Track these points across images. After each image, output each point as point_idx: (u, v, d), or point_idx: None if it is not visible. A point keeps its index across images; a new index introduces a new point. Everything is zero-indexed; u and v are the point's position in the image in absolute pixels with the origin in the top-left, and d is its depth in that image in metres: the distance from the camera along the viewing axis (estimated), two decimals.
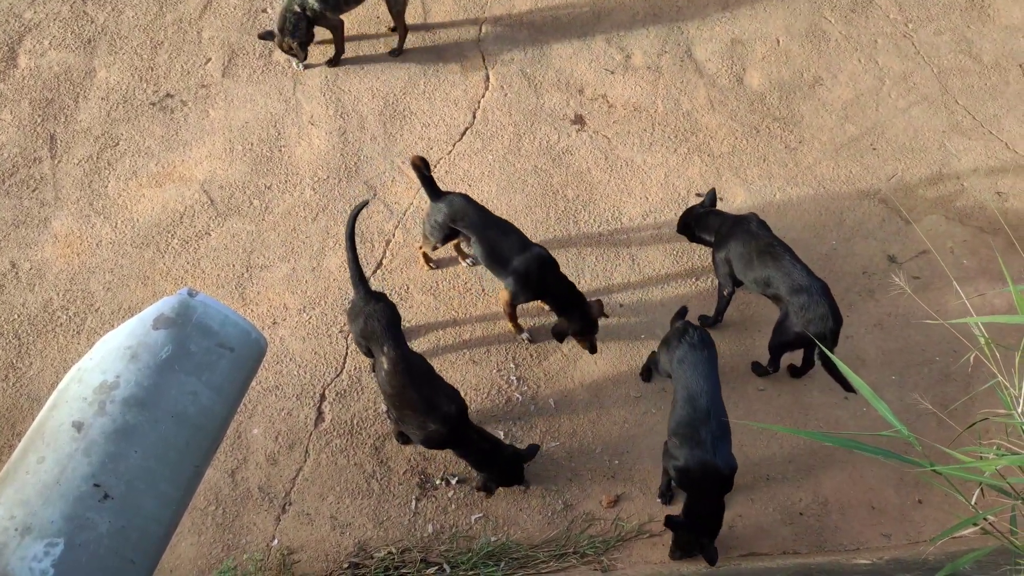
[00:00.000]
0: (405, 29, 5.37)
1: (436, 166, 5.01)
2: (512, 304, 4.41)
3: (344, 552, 4.01)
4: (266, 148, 5.09)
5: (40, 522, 2.63)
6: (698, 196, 4.94)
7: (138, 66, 5.32)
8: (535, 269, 4.24)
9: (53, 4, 5.50)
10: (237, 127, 5.15)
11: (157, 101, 5.22)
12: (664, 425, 4.05)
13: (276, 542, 4.03)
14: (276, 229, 4.84)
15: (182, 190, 4.92)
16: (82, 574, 2.62)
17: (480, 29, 5.60)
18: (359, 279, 4.09)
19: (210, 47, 5.42)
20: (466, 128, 5.22)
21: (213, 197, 4.91)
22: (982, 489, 2.72)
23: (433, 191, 4.34)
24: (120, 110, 5.17)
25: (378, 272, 4.73)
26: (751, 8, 5.76)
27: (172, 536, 2.96)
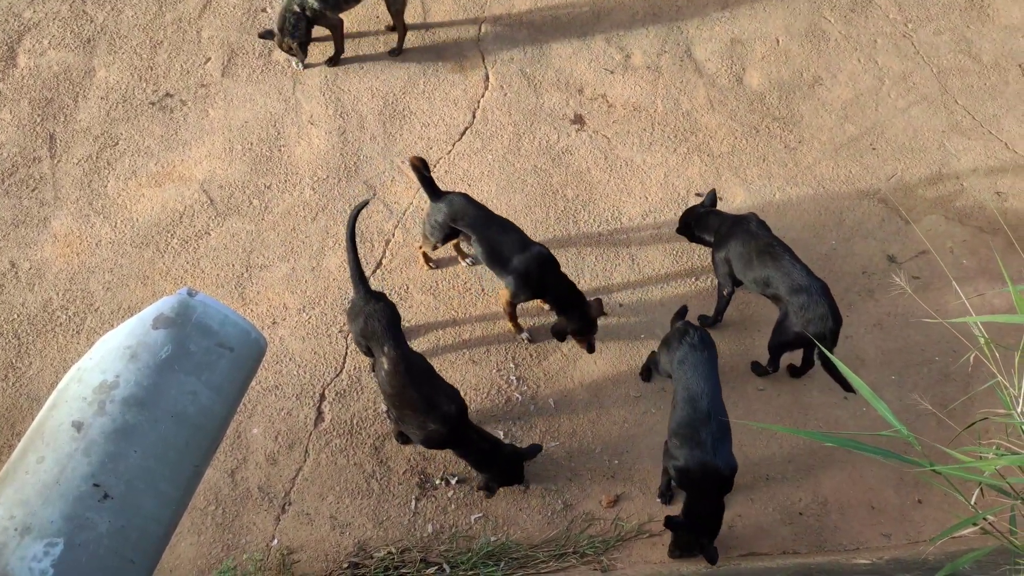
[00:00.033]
0: (404, 28, 5.37)
1: (436, 166, 5.01)
2: (512, 303, 4.41)
3: (344, 552, 4.01)
4: (266, 148, 5.09)
5: (40, 522, 2.63)
6: (698, 196, 4.94)
7: (137, 65, 5.32)
8: (535, 268, 4.24)
9: (52, 3, 5.49)
10: (237, 127, 5.14)
11: (157, 101, 5.21)
12: (664, 425, 4.05)
13: (276, 542, 4.03)
14: (276, 229, 4.84)
15: (182, 190, 4.92)
16: (82, 574, 2.62)
17: (480, 28, 5.60)
18: (359, 279, 4.09)
19: (210, 46, 5.41)
20: (466, 128, 5.22)
21: (213, 197, 4.91)
22: (982, 489, 2.72)
23: (433, 191, 4.34)
24: (119, 110, 5.16)
25: (378, 272, 4.73)
26: (751, 8, 5.76)
27: (172, 536, 2.96)
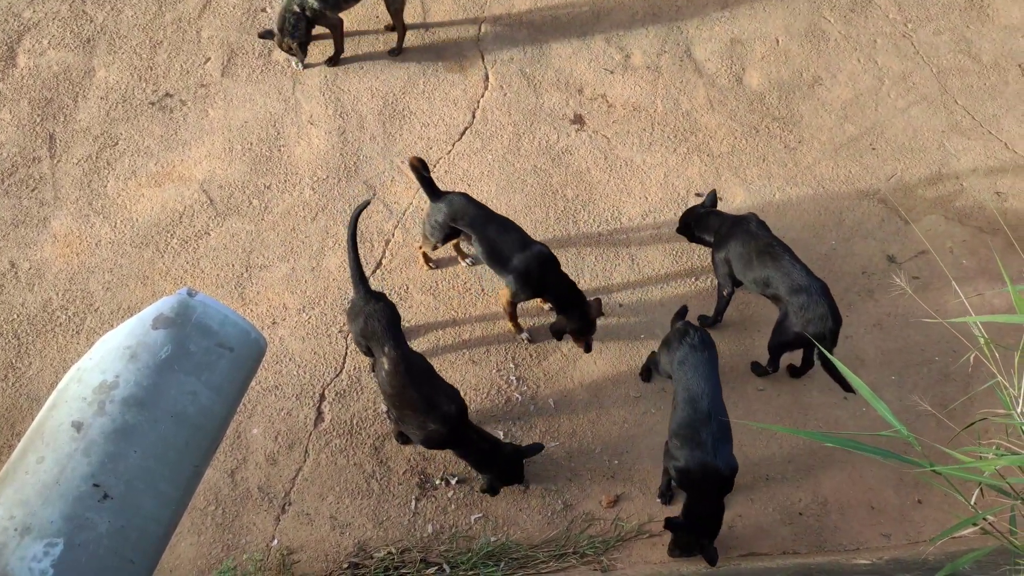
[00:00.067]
0: (404, 28, 5.37)
1: (436, 166, 5.01)
2: (513, 302, 4.41)
3: (344, 552, 4.01)
4: (265, 148, 5.09)
5: (39, 522, 2.63)
6: (698, 196, 4.95)
7: (137, 65, 5.32)
8: (536, 267, 4.24)
9: (52, 3, 5.49)
10: (236, 127, 5.14)
11: (156, 101, 5.21)
12: (664, 425, 4.05)
13: (276, 542, 4.03)
14: (275, 229, 4.83)
15: (181, 190, 4.92)
16: (82, 574, 2.62)
17: (479, 28, 5.60)
18: (359, 279, 4.09)
19: (209, 46, 5.41)
20: (465, 128, 5.22)
21: (212, 197, 4.91)
22: (981, 489, 2.72)
23: (432, 191, 4.34)
24: (119, 109, 5.16)
25: (378, 272, 4.73)
26: (750, 8, 5.76)
27: (172, 536, 2.96)
